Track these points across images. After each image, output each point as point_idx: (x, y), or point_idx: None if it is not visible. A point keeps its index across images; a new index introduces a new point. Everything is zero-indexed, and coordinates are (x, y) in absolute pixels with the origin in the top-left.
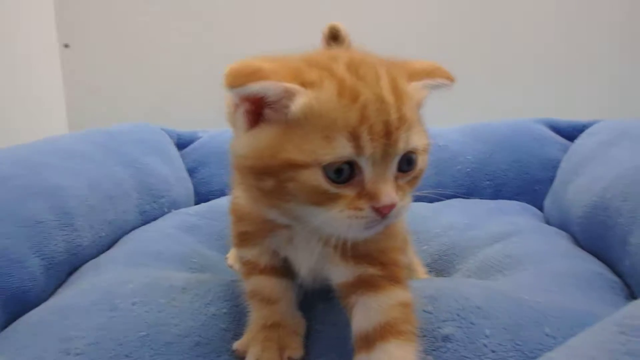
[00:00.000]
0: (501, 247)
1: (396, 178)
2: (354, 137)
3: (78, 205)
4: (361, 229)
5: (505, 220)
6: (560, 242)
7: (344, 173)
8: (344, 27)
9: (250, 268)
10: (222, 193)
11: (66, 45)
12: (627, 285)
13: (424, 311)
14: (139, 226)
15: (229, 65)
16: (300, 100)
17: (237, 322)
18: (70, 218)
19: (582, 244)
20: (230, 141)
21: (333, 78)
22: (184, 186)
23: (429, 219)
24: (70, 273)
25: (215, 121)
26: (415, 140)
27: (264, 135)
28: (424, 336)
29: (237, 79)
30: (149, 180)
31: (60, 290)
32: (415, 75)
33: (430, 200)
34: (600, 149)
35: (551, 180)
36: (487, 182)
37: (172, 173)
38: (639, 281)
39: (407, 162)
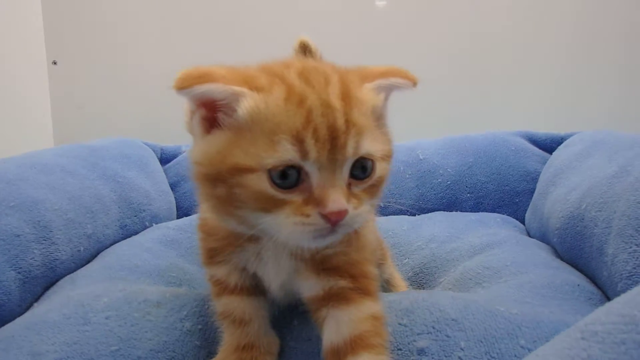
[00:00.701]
0: (481, 259)
1: (349, 185)
2: (298, 141)
3: (56, 219)
4: (310, 237)
5: (486, 232)
6: (540, 253)
7: (289, 177)
8: (312, 42)
9: (221, 288)
10: None
11: (54, 62)
12: (607, 296)
13: (399, 324)
14: (120, 240)
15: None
16: (247, 103)
17: (211, 339)
18: (48, 232)
19: (562, 255)
20: (189, 150)
21: (282, 83)
22: (166, 200)
23: (411, 231)
24: (47, 287)
25: None
26: (367, 146)
27: (216, 140)
28: (399, 350)
29: (185, 81)
30: (129, 195)
31: (35, 304)
32: (369, 77)
33: (412, 213)
34: (576, 160)
35: (531, 192)
36: (468, 195)
37: (154, 187)
38: (616, 292)
39: (361, 169)
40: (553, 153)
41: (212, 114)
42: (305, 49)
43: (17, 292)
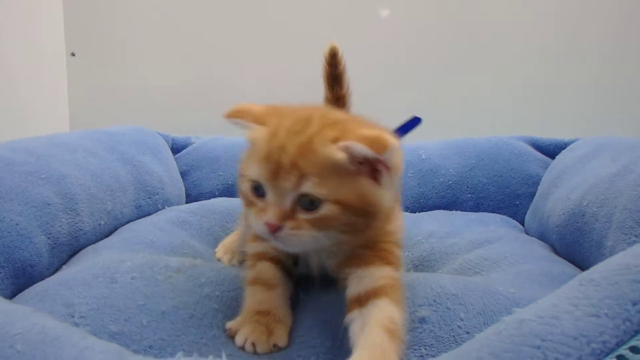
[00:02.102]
0: (480, 252)
1: (293, 211)
2: (260, 168)
3: (81, 193)
4: (264, 234)
5: (485, 230)
6: (538, 249)
7: (259, 189)
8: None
9: (258, 258)
10: (211, 195)
11: (73, 54)
12: None
13: None
14: (135, 219)
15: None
16: (249, 133)
17: (228, 305)
18: (74, 203)
19: (559, 252)
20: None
21: (276, 124)
22: (177, 186)
23: (411, 227)
24: (71, 255)
25: (207, 129)
26: (310, 187)
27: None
28: None
29: (229, 114)
30: (144, 178)
31: (62, 268)
32: (345, 137)
33: (413, 210)
34: (579, 162)
35: (531, 195)
36: (469, 195)
37: (166, 173)
38: None
39: (309, 203)
40: (556, 157)
41: None
42: (334, 53)
43: (46, 256)
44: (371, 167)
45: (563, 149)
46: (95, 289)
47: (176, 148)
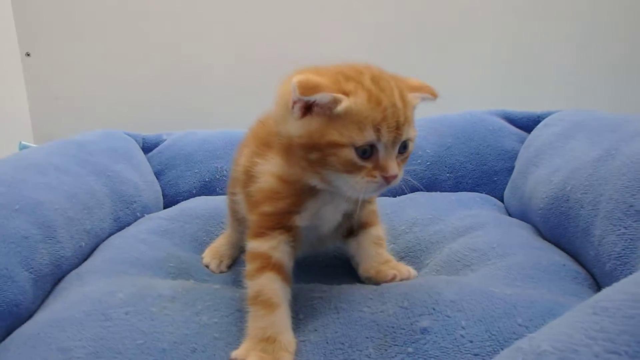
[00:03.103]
0: (465, 241)
1: (396, 157)
2: (377, 129)
3: (58, 218)
4: (372, 190)
5: (468, 214)
6: (522, 233)
7: (367, 152)
8: None
9: (260, 264)
10: (189, 194)
11: (27, 54)
12: (590, 274)
13: (400, 307)
14: (114, 232)
15: (297, 78)
16: (344, 104)
17: (227, 331)
18: (52, 231)
19: (544, 235)
20: (279, 125)
21: (364, 89)
22: (153, 190)
23: (394, 215)
24: (54, 284)
25: (178, 124)
26: (410, 132)
27: (314, 123)
28: (402, 329)
29: (306, 91)
30: (120, 188)
31: (47, 301)
32: (412, 88)
33: (394, 194)
34: (557, 141)
35: (509, 170)
36: (448, 175)
37: (141, 178)
38: (603, 271)
39: (403, 147)
40: (532, 132)
41: (307, 105)
42: None
43: (31, 291)
44: None
45: (536, 121)
46: (90, 329)
47: (147, 147)
